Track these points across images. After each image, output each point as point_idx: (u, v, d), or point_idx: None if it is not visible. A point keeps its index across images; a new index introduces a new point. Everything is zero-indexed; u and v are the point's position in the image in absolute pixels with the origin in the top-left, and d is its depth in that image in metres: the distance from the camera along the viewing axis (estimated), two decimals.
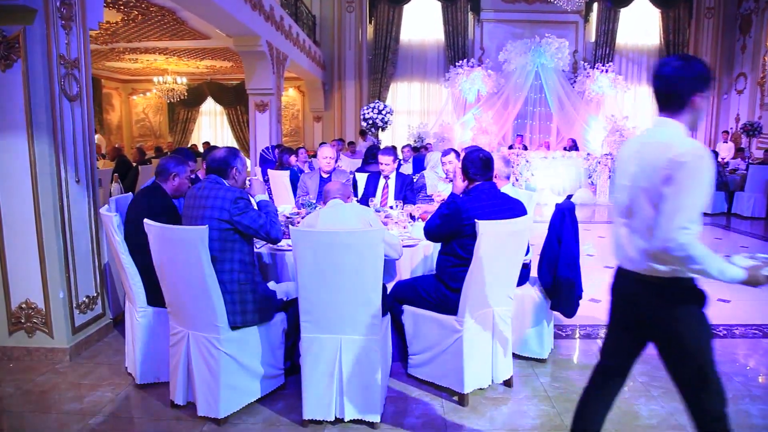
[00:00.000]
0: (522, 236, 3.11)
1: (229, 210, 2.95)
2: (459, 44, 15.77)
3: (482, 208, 3.02)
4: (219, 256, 2.93)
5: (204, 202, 3.00)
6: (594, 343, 4.15)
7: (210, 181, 3.12)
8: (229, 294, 2.94)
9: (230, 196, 2.97)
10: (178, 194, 3.55)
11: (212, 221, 2.93)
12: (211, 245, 2.88)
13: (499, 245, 2.99)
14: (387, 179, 5.65)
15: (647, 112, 16.29)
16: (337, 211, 3.08)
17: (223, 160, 3.18)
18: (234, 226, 2.97)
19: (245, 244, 3.09)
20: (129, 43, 10.56)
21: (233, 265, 3.02)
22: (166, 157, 3.60)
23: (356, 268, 2.67)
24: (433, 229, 3.16)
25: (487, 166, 3.15)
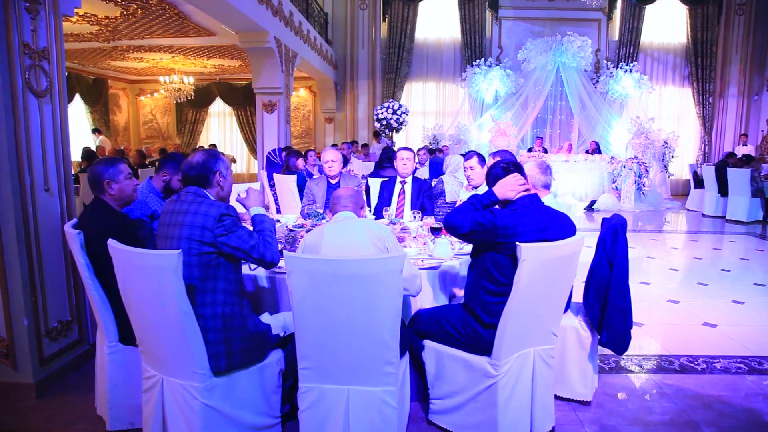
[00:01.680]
0: (572, 261, 2.54)
1: (212, 229, 2.41)
2: (476, 43, 15.16)
3: (523, 226, 2.47)
4: (199, 286, 2.40)
5: (182, 219, 2.45)
6: (644, 378, 3.56)
7: (189, 193, 2.56)
8: (212, 332, 2.39)
9: (213, 213, 2.43)
10: (123, 202, 2.98)
11: (191, 243, 2.40)
12: (190, 272, 2.37)
13: (546, 273, 2.42)
14: (404, 184, 5.09)
15: (673, 113, 15.61)
16: (345, 228, 2.52)
17: (202, 164, 2.60)
18: (218, 249, 2.43)
19: (231, 271, 2.53)
20: (131, 40, 10.10)
21: (216, 296, 2.46)
22: (95, 164, 3.03)
23: (368, 305, 2.12)
24: (459, 231, 2.62)
25: None
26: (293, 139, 15.89)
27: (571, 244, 2.48)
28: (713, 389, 3.36)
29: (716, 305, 5.04)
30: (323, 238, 2.42)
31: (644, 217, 11.11)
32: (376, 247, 2.38)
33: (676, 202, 13.08)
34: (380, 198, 5.19)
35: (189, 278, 2.36)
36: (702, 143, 15.46)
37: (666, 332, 4.36)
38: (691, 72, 15.10)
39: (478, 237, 2.56)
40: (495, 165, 2.74)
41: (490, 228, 2.50)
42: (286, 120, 9.64)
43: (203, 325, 2.36)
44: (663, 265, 6.80)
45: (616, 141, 14.36)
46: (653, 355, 3.93)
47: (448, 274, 3.16)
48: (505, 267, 2.46)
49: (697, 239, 8.76)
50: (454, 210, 2.71)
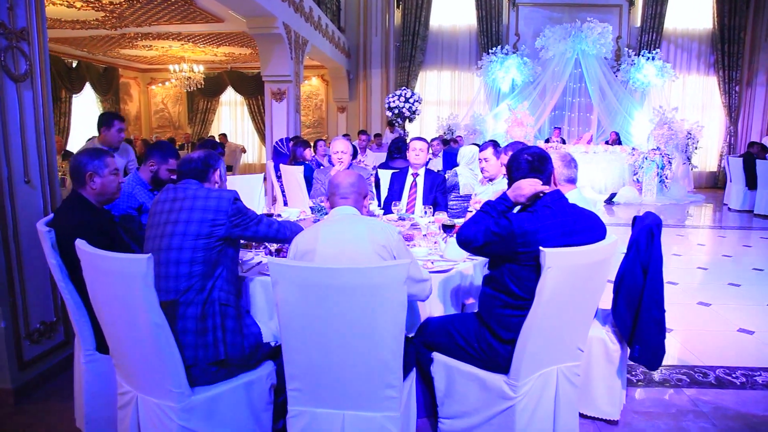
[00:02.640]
0: (603, 268, 2.22)
1: (228, 211, 2.32)
2: (492, 30, 14.71)
3: (546, 230, 2.15)
4: (202, 272, 2.26)
5: (190, 204, 2.33)
6: (677, 393, 3.23)
7: (191, 182, 2.46)
8: (210, 318, 2.25)
9: (227, 195, 2.37)
10: (105, 199, 2.70)
11: (202, 226, 2.28)
12: (194, 256, 2.24)
13: (573, 282, 2.11)
14: (416, 177, 4.78)
15: (697, 102, 15.07)
16: (344, 228, 2.21)
17: (203, 159, 2.54)
18: (229, 232, 2.34)
19: (230, 259, 2.43)
20: (139, 27, 9.84)
21: (217, 282, 2.33)
22: (78, 153, 2.77)
23: (367, 320, 1.82)
24: (473, 245, 2.31)
25: (539, 170, 2.31)
26: (305, 129, 15.62)
27: (602, 248, 2.16)
28: (757, 408, 3.02)
29: (752, 309, 4.68)
30: (318, 242, 2.12)
31: (667, 210, 10.69)
32: (379, 257, 2.07)
33: (699, 196, 12.62)
34: (390, 191, 4.89)
35: (193, 261, 2.26)
36: (727, 134, 14.91)
37: (698, 339, 4.02)
38: (717, 59, 14.52)
39: (495, 249, 2.24)
40: (517, 156, 2.39)
41: (506, 236, 2.18)
42: (296, 109, 9.34)
43: (204, 312, 2.24)
44: (690, 263, 6.43)
45: (637, 132, 13.90)
46: (685, 365, 3.60)
47: (461, 278, 2.85)
48: (526, 279, 2.15)
49: (725, 235, 8.36)
50: (466, 222, 2.41)
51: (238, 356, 2.25)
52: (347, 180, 2.38)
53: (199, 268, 2.27)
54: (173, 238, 2.27)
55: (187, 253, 2.23)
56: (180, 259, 2.24)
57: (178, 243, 2.26)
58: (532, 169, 2.29)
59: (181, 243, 2.26)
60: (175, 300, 2.23)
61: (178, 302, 2.23)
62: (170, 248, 2.25)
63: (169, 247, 2.25)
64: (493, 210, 2.38)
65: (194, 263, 2.26)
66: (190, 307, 2.23)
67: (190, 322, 2.19)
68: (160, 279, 2.21)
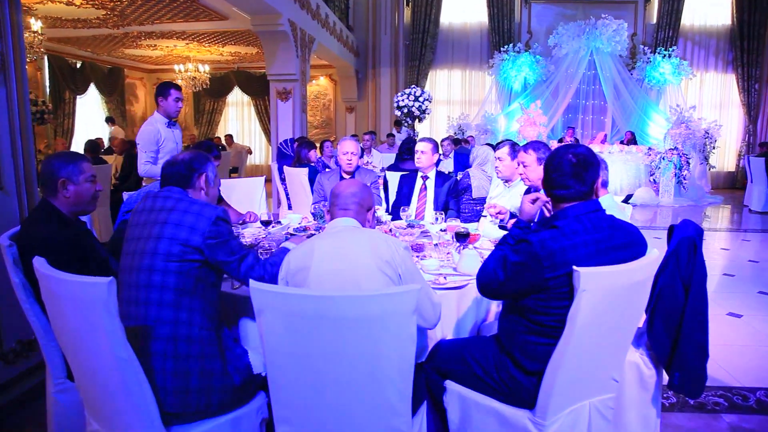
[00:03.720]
0: (644, 289, 1.92)
1: (204, 233, 1.97)
2: (504, 28, 14.38)
3: (579, 247, 1.83)
4: (175, 299, 1.92)
5: (165, 216, 1.99)
6: (712, 419, 2.92)
7: (172, 191, 2.11)
8: (183, 360, 1.90)
9: (208, 213, 2.01)
10: (80, 210, 2.40)
11: (174, 245, 1.95)
12: (165, 280, 1.91)
13: (610, 306, 1.80)
14: (426, 180, 4.48)
15: (714, 101, 14.65)
16: (343, 242, 1.91)
17: (187, 162, 2.18)
18: (205, 258, 1.99)
19: (211, 288, 2.06)
20: (141, 26, 9.62)
21: (192, 316, 1.97)
22: (51, 156, 2.47)
23: (369, 357, 1.53)
24: (493, 285, 1.97)
25: (581, 177, 1.93)
26: (312, 129, 15.37)
27: (644, 267, 1.85)
28: None
29: None
30: (313, 258, 1.83)
31: (685, 212, 10.33)
32: (383, 275, 1.78)
33: (718, 197, 12.25)
34: (398, 195, 4.60)
35: (163, 287, 1.91)
36: (746, 133, 14.48)
37: (733, 356, 3.69)
38: (736, 56, 14.10)
39: (521, 281, 1.87)
40: (561, 155, 1.97)
41: (529, 262, 1.83)
42: (302, 109, 9.07)
43: (176, 351, 1.89)
44: (714, 269, 6.08)
45: (653, 131, 13.53)
46: (721, 386, 3.27)
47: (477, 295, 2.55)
48: (554, 302, 1.84)
49: (749, 239, 7.99)
50: (482, 265, 2.07)
51: (225, 399, 1.95)
52: (349, 190, 2.08)
53: (170, 295, 1.92)
54: (144, 256, 1.95)
55: (157, 276, 1.92)
56: (150, 283, 1.93)
57: (148, 263, 1.94)
58: (574, 175, 1.92)
59: (151, 263, 1.94)
60: (147, 331, 1.91)
61: (150, 334, 1.91)
62: (140, 269, 1.94)
63: (139, 268, 1.94)
64: (509, 237, 2.08)
65: (164, 289, 1.93)
66: (163, 343, 1.90)
67: (164, 360, 1.88)
68: (130, 304, 1.93)
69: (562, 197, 1.96)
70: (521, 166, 3.53)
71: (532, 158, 3.47)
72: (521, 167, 3.53)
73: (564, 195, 1.95)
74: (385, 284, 1.76)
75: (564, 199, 1.96)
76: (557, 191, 1.96)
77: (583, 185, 1.93)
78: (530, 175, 3.48)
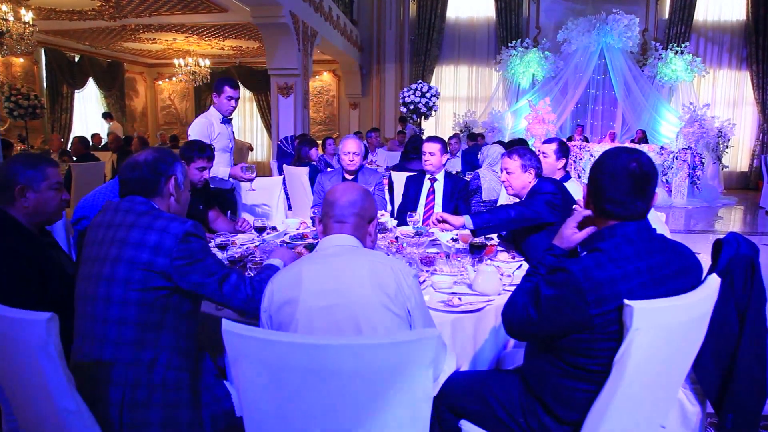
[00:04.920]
0: (703, 324, 1.60)
1: (171, 254, 1.64)
2: (512, 23, 14.02)
3: (631, 277, 1.50)
4: (136, 336, 1.60)
5: (123, 234, 1.67)
6: None
7: (134, 203, 1.76)
8: (141, 409, 1.58)
9: (175, 229, 1.68)
10: (42, 220, 2.08)
11: (134, 271, 1.62)
12: (124, 313, 1.58)
13: (666, 346, 1.49)
14: (433, 182, 4.17)
15: (728, 99, 14.27)
16: (338, 269, 1.56)
17: (151, 165, 1.83)
18: (175, 284, 1.67)
19: (183, 319, 1.72)
20: (139, 18, 9.32)
21: (158, 353, 1.65)
22: (9, 160, 2.16)
23: (372, 418, 1.22)
24: (524, 325, 1.63)
25: (644, 192, 1.58)
26: (316, 126, 15.06)
27: (705, 299, 1.54)
28: None
29: None
30: (301, 288, 1.51)
31: (699, 214, 10.00)
32: (389, 312, 1.47)
33: (732, 197, 11.89)
34: (404, 198, 4.29)
35: (122, 321, 1.58)
36: (760, 132, 14.09)
37: None
38: (750, 53, 13.69)
39: (558, 322, 1.54)
40: (621, 161, 1.59)
41: (569, 295, 1.49)
42: (304, 104, 8.77)
43: (134, 398, 1.56)
44: None
45: (664, 130, 13.17)
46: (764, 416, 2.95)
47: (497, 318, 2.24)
48: (599, 342, 1.52)
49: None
50: (509, 299, 1.73)
51: None
52: (346, 197, 1.71)
53: (129, 332, 1.61)
54: (99, 283, 1.64)
55: (114, 309, 1.60)
56: (108, 317, 1.62)
57: (104, 292, 1.63)
58: (636, 190, 1.57)
59: (108, 292, 1.62)
60: (103, 374, 1.61)
61: (105, 379, 1.60)
62: (96, 297, 1.62)
63: (95, 296, 1.63)
64: (540, 266, 1.75)
65: (124, 324, 1.61)
66: (120, 390, 1.60)
67: (120, 411, 1.57)
68: (85, 339, 1.62)
69: (614, 214, 1.60)
70: (504, 173, 3.22)
71: (516, 164, 3.14)
72: (504, 174, 3.22)
73: (618, 213, 1.60)
74: (392, 325, 1.45)
75: (615, 217, 1.61)
76: (609, 206, 1.60)
77: (645, 202, 1.59)
78: (514, 182, 3.16)
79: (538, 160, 3.21)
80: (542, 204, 2.94)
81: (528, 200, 3.04)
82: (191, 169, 3.23)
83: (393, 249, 2.82)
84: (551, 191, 2.98)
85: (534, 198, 3.00)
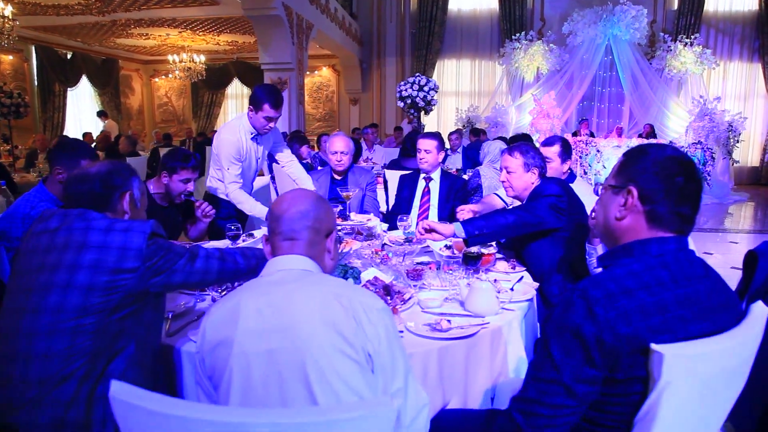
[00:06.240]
0: (745, 370, 1.26)
1: (141, 252, 1.51)
2: (516, 15, 13.65)
3: (665, 309, 1.14)
4: (90, 349, 1.47)
5: (76, 239, 1.52)
6: None
7: (75, 215, 1.59)
8: None
9: (139, 227, 1.55)
10: None
11: (97, 274, 1.47)
12: (78, 323, 1.45)
13: (702, 400, 1.16)
14: (429, 181, 3.85)
15: (738, 92, 13.86)
16: (283, 302, 1.22)
17: (101, 178, 1.66)
18: (144, 286, 1.53)
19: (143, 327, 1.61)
20: (128, 12, 9.03)
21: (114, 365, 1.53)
22: None
23: None
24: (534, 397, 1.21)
25: (694, 200, 1.25)
26: (315, 123, 14.76)
27: (752, 340, 1.21)
28: None
29: None
30: (238, 326, 1.18)
31: (710, 211, 9.65)
32: (346, 358, 1.15)
33: (743, 193, 11.53)
34: (397, 199, 3.96)
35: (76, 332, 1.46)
36: None
37: None
38: (762, 44, 13.28)
39: (584, 376, 1.14)
40: (672, 158, 1.26)
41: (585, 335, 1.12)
42: (299, 100, 8.47)
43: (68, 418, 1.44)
44: None
45: (673, 124, 12.79)
46: None
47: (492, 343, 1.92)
48: (617, 397, 1.17)
49: None
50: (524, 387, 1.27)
51: None
52: (296, 208, 1.39)
53: (87, 342, 1.45)
54: (49, 293, 1.47)
55: (67, 317, 1.44)
56: (56, 327, 1.45)
57: (57, 302, 1.46)
58: (681, 198, 1.23)
59: (61, 301, 1.45)
60: (39, 398, 1.42)
61: (43, 401, 1.41)
62: (43, 310, 1.46)
63: (38, 309, 1.47)
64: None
65: (79, 334, 1.45)
66: (70, 410, 1.42)
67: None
68: (15, 362, 1.44)
69: (663, 223, 1.25)
70: (504, 172, 2.88)
71: (517, 163, 2.80)
72: (504, 173, 2.88)
73: (668, 222, 1.25)
74: (350, 373, 1.13)
75: (661, 227, 1.26)
76: (663, 211, 1.25)
77: (695, 214, 1.27)
78: (514, 183, 2.82)
79: (543, 158, 2.88)
80: (546, 208, 2.62)
81: (529, 203, 2.71)
82: (174, 181, 2.97)
83: (377, 260, 2.50)
84: (556, 193, 2.65)
85: (536, 201, 2.67)
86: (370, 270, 2.30)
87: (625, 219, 1.29)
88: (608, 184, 1.34)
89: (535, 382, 1.20)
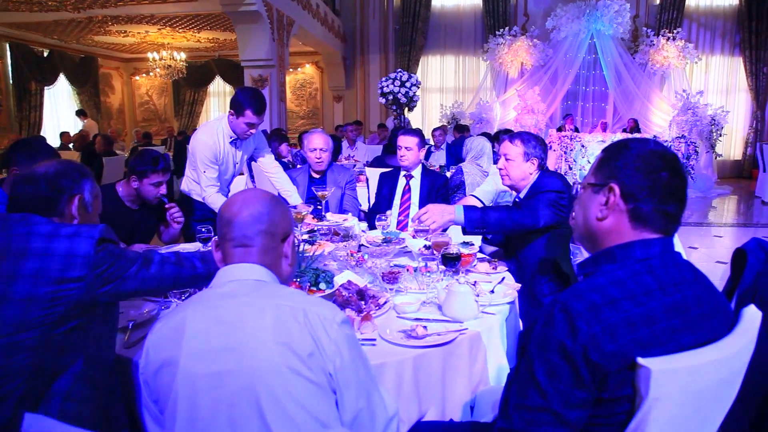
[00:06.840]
0: (738, 380, 1.18)
1: (88, 259, 1.40)
2: (499, 10, 13.58)
3: (652, 320, 1.04)
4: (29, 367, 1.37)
5: (16, 246, 1.40)
6: None
7: (17, 220, 1.45)
8: None
9: (87, 232, 1.44)
10: None
11: (38, 284, 1.36)
12: (14, 339, 1.35)
13: (693, 415, 1.08)
14: (409, 179, 3.76)
15: (720, 86, 13.92)
16: (233, 321, 1.10)
17: (49, 181, 1.53)
18: (92, 296, 1.42)
19: (93, 341, 1.50)
20: (104, 9, 8.82)
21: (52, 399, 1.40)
22: None
23: None
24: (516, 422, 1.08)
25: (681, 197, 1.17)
26: (298, 120, 14.60)
27: (744, 349, 1.12)
28: None
29: None
30: (182, 345, 1.07)
31: (694, 204, 9.67)
32: (301, 380, 1.04)
33: (726, 187, 11.58)
34: (377, 197, 3.87)
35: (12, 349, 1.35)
36: (753, 119, 13.76)
37: None
38: (743, 38, 13.33)
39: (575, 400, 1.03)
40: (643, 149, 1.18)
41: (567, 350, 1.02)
42: (280, 97, 8.34)
43: None
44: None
45: (656, 118, 12.81)
46: None
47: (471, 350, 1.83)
48: (602, 417, 1.06)
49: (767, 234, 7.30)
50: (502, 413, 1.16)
51: None
52: (248, 210, 1.26)
53: (26, 359, 1.35)
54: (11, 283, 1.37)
55: (3, 333, 1.33)
56: None
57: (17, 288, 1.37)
58: (666, 195, 1.14)
59: (16, 288, 1.36)
60: None
61: None
62: None
63: None
64: None
65: (17, 351, 1.34)
66: None
67: None
68: None
69: (647, 222, 1.16)
70: (503, 159, 2.80)
71: (518, 151, 2.73)
72: (502, 160, 2.81)
73: (651, 222, 1.16)
74: (306, 396, 1.03)
75: (645, 226, 1.17)
76: (647, 209, 1.15)
77: (681, 212, 1.18)
78: (512, 172, 2.76)
79: (544, 149, 2.80)
80: (546, 206, 2.55)
81: (530, 202, 2.63)
82: (145, 185, 2.88)
83: (352, 262, 2.40)
84: (557, 189, 2.58)
85: (537, 199, 2.60)
86: (344, 273, 2.19)
87: (607, 219, 1.19)
88: (587, 183, 1.24)
89: (519, 410, 1.07)
